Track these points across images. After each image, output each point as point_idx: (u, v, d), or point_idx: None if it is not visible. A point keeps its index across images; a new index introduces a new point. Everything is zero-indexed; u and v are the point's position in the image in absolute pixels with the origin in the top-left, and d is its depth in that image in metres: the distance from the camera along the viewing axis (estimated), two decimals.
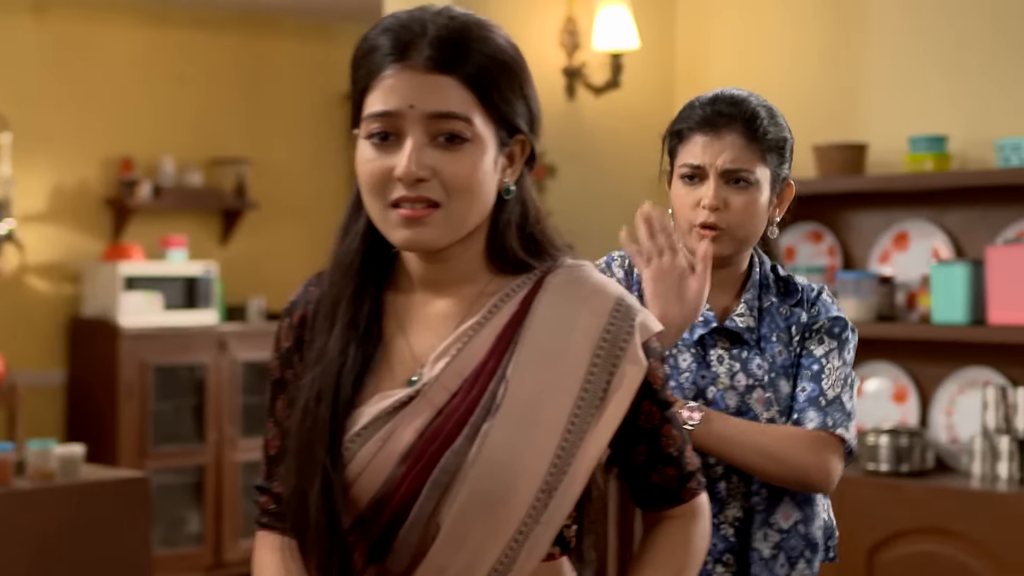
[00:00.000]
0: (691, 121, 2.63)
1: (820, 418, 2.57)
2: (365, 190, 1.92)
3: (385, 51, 1.89)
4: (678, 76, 5.84)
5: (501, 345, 1.92)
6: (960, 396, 4.98)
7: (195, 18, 8.10)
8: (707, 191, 2.57)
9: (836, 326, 2.65)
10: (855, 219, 5.30)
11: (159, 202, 7.84)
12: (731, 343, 2.63)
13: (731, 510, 2.59)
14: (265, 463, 2.03)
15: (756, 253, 2.70)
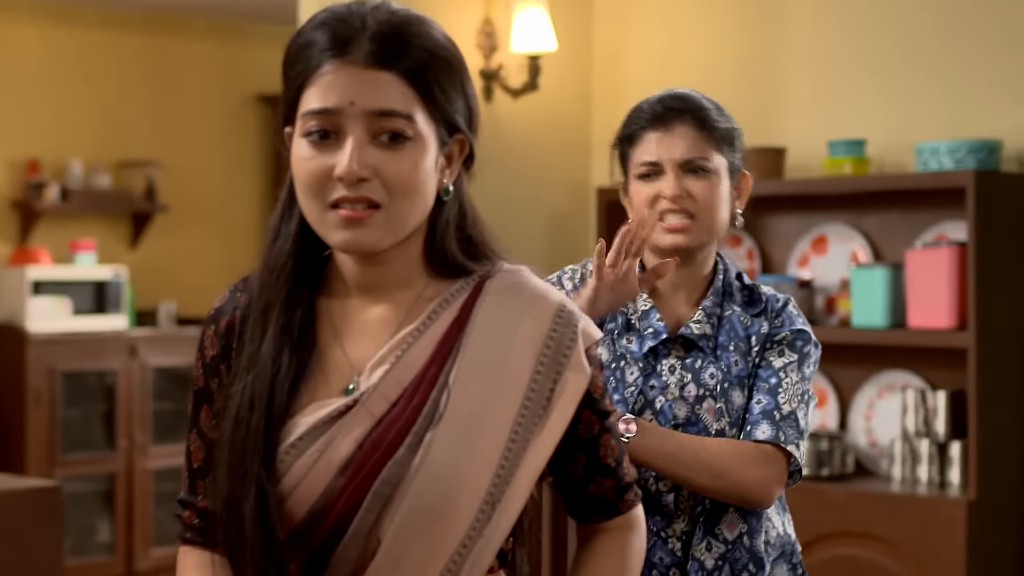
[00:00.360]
0: (641, 121, 2.63)
1: (772, 431, 2.52)
2: (302, 190, 1.84)
3: (322, 46, 1.83)
4: (596, 79, 5.81)
5: (442, 352, 1.86)
6: (879, 400, 4.99)
7: (102, 17, 7.98)
8: (666, 183, 2.57)
9: (799, 339, 2.61)
10: (774, 223, 5.30)
11: (67, 205, 7.71)
12: (685, 351, 2.59)
13: (679, 524, 2.55)
14: (187, 476, 1.95)
15: (721, 260, 2.68)
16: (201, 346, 1.94)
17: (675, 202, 2.56)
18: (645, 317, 2.60)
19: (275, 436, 1.84)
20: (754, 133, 5.29)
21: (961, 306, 4.60)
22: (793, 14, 5.33)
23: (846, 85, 5.19)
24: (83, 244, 7.72)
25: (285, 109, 1.88)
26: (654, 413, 2.56)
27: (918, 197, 4.90)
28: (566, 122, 5.65)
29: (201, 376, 1.93)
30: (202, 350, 1.94)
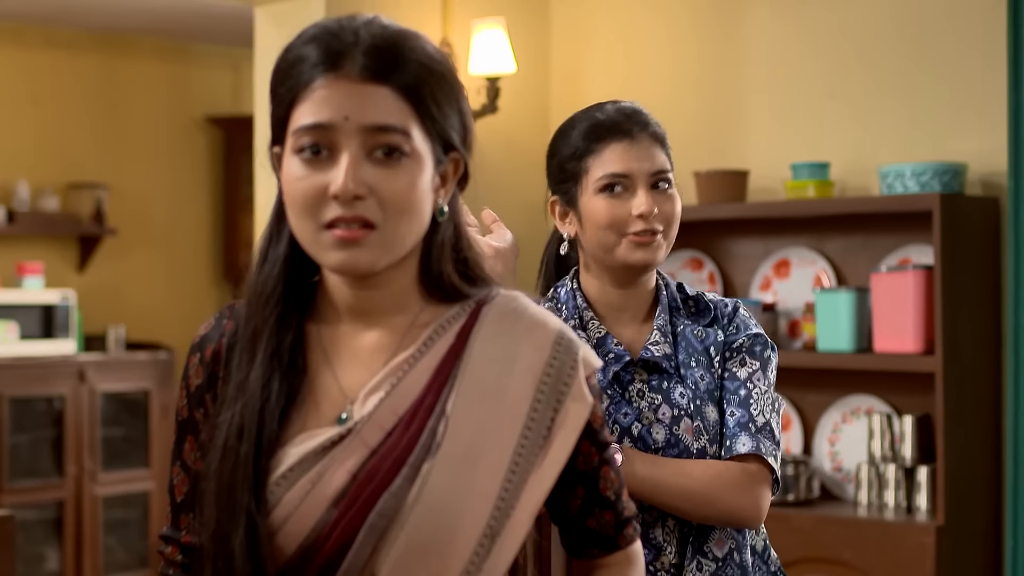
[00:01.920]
0: (601, 131, 2.56)
1: (752, 443, 2.50)
2: (295, 211, 1.78)
3: (314, 61, 1.77)
4: (554, 101, 5.77)
5: (439, 380, 1.81)
6: (844, 424, 4.96)
7: (49, 38, 7.87)
8: (641, 199, 2.51)
9: (757, 344, 2.58)
10: (736, 246, 5.27)
11: (13, 227, 7.60)
12: (649, 374, 2.55)
13: (667, 556, 2.51)
14: (171, 510, 1.89)
15: (660, 275, 2.63)
16: (186, 375, 1.88)
17: (649, 221, 2.51)
18: (602, 344, 2.55)
19: (265, 466, 1.77)
20: (716, 155, 5.28)
21: (928, 330, 4.58)
22: (755, 36, 5.30)
23: (809, 107, 5.17)
24: (30, 267, 7.60)
25: (275, 127, 1.82)
26: (632, 440, 2.51)
27: (882, 220, 4.89)
28: (525, 144, 5.61)
29: (186, 406, 1.87)
30: (187, 379, 1.87)
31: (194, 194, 8.36)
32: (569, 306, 2.58)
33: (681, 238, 5.19)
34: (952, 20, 4.87)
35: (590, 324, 2.56)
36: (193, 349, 1.88)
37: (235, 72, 8.46)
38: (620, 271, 2.56)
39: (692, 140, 5.38)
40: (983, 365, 4.67)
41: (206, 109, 8.41)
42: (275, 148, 1.84)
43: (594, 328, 2.56)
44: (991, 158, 4.77)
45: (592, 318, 2.57)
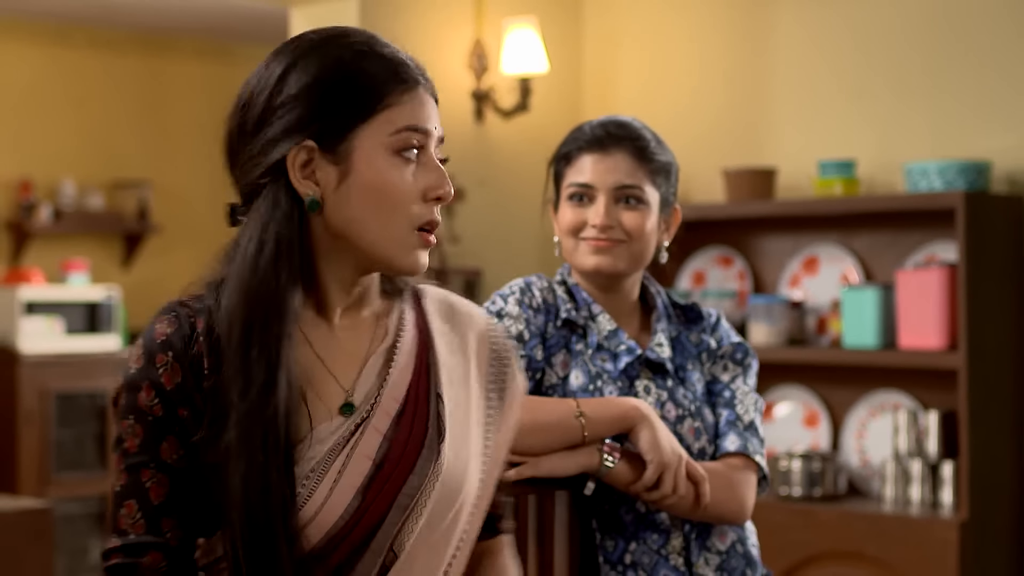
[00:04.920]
0: (580, 142, 2.64)
1: (740, 441, 2.59)
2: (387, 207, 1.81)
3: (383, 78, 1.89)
4: (586, 100, 5.82)
5: (421, 367, 1.89)
6: (871, 420, 4.99)
7: (93, 39, 7.98)
8: (596, 210, 2.58)
9: (738, 352, 2.69)
10: (765, 243, 5.31)
11: (59, 225, 7.71)
12: (653, 374, 2.62)
13: (675, 539, 2.57)
14: (144, 515, 1.76)
15: (652, 284, 2.71)
16: (151, 373, 1.77)
17: (603, 231, 2.58)
18: (613, 336, 2.62)
19: (291, 467, 1.76)
20: (744, 153, 5.32)
21: (952, 327, 4.61)
22: (782, 35, 5.34)
23: (835, 106, 5.20)
24: (75, 264, 7.71)
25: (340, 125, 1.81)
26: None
27: (908, 218, 4.91)
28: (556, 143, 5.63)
29: (159, 405, 1.77)
30: (155, 377, 1.77)
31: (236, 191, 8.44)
32: (579, 298, 2.64)
33: (710, 235, 5.29)
34: (977, 18, 4.89)
35: (599, 317, 2.63)
36: (160, 347, 1.78)
37: None
38: (588, 275, 2.64)
39: (721, 138, 5.42)
40: (1007, 361, 4.69)
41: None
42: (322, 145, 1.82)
43: (604, 320, 2.63)
44: (1016, 155, 4.79)
45: (601, 311, 2.63)
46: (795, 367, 5.08)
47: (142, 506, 1.77)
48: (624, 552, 2.54)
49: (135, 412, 1.78)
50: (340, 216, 1.81)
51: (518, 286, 2.64)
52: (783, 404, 5.16)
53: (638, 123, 2.66)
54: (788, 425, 5.14)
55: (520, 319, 2.57)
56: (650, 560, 2.54)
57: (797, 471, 4.84)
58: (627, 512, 2.55)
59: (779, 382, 5.14)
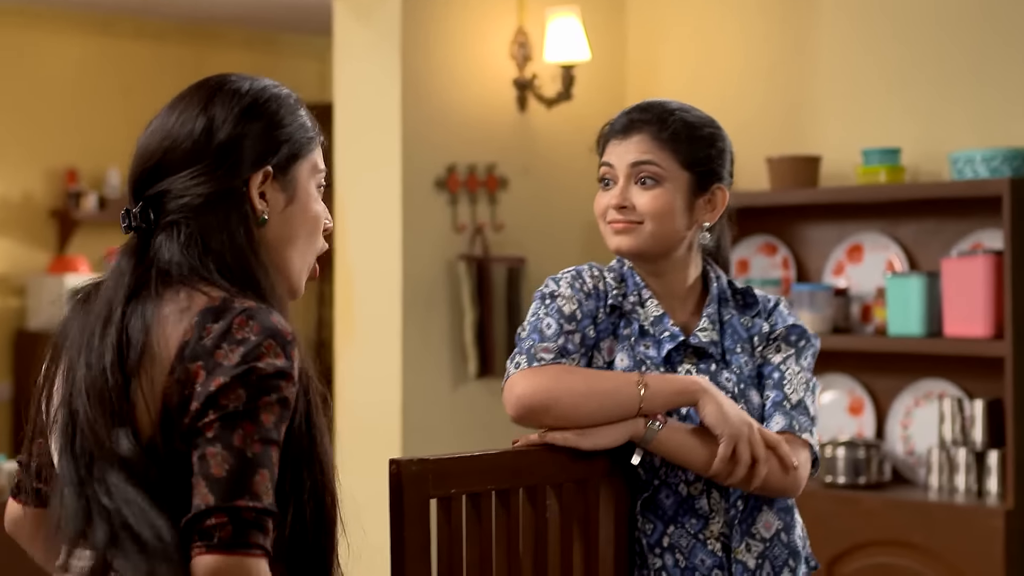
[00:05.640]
0: (608, 127, 2.69)
1: (786, 421, 2.59)
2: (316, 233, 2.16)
3: None
4: (629, 88, 5.82)
5: None
6: (916, 408, 4.98)
7: (139, 29, 8.03)
8: (614, 191, 2.62)
9: (792, 334, 2.67)
10: (809, 231, 5.29)
11: (105, 214, 7.77)
12: (698, 359, 2.63)
13: (715, 525, 2.58)
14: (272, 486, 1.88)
15: (712, 268, 2.70)
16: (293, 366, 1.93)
17: (618, 212, 2.61)
18: (658, 322, 2.63)
19: None
20: (788, 142, 5.31)
21: (997, 315, 4.59)
22: (826, 22, 5.32)
23: (880, 93, 5.18)
24: None
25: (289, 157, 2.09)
26: (681, 419, 2.58)
27: (953, 206, 4.89)
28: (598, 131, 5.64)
29: (292, 393, 1.93)
30: (293, 370, 1.93)
31: None
32: (630, 283, 2.66)
33: (754, 223, 5.29)
34: (1020, 5, 4.86)
35: (648, 302, 2.64)
36: (292, 343, 1.94)
37: (320, 61, 8.58)
38: (624, 258, 2.67)
39: (764, 126, 5.41)
40: None
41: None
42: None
43: (652, 306, 2.64)
44: None
45: (651, 297, 2.64)
46: (840, 355, 5.06)
47: (271, 478, 1.88)
48: (662, 535, 2.55)
49: (280, 399, 1.90)
50: (277, 234, 2.07)
51: (570, 272, 2.67)
52: (828, 392, 5.15)
53: (673, 104, 2.67)
54: (833, 413, 5.13)
55: (572, 299, 2.60)
56: (687, 544, 2.55)
57: (842, 459, 4.84)
58: (668, 496, 2.56)
59: (823, 370, 5.12)
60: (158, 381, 1.90)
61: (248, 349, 1.89)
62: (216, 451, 1.85)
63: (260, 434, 1.87)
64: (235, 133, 2.03)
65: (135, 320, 1.94)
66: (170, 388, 1.89)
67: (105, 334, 1.94)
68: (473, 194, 5.50)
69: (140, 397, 1.91)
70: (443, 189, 5.43)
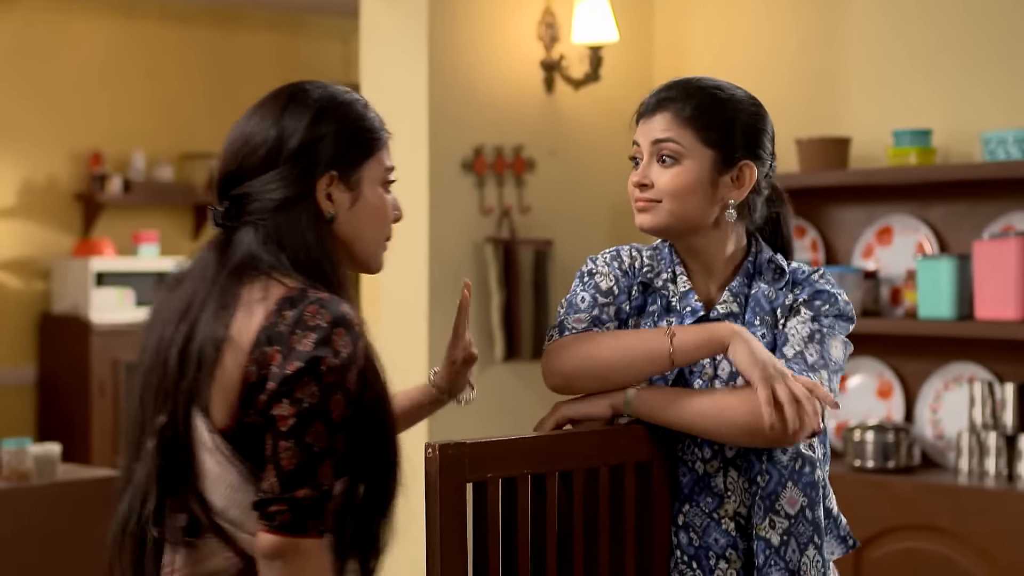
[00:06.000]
0: (639, 108, 2.66)
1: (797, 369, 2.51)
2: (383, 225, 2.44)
3: None
4: (657, 69, 5.79)
5: None
6: (945, 392, 4.95)
7: (164, 11, 8.02)
8: (639, 170, 2.60)
9: (817, 298, 2.59)
10: (838, 213, 5.26)
11: (129, 197, 7.76)
12: None
13: (730, 504, 2.55)
14: (335, 469, 2.15)
15: (756, 243, 2.67)
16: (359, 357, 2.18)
17: (639, 189, 2.59)
18: (684, 297, 2.61)
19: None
20: (818, 123, 5.27)
21: None
22: (854, 2, 5.28)
23: (910, 74, 5.14)
24: (146, 236, 7.77)
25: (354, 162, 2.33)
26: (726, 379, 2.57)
27: (984, 187, 4.86)
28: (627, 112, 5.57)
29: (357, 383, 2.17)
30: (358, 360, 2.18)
31: None
32: (666, 261, 2.65)
33: None
34: None
35: (679, 278, 2.63)
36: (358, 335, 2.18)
37: (345, 43, 8.55)
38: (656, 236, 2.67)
39: (793, 107, 5.37)
40: None
41: (317, 79, 8.50)
42: None
43: (681, 282, 2.62)
44: None
45: (682, 273, 2.63)
46: (869, 338, 5.03)
47: (334, 463, 2.14)
48: (677, 513, 2.54)
49: (343, 389, 2.14)
50: (346, 229, 2.32)
51: (610, 252, 2.67)
52: (856, 375, 5.13)
53: (706, 81, 2.63)
54: (861, 396, 5.11)
55: (609, 276, 2.61)
56: (701, 523, 2.54)
57: (871, 443, 4.81)
58: (684, 473, 2.54)
59: (853, 353, 5.08)
60: (239, 363, 2.13)
61: (320, 336, 2.11)
62: (288, 446, 2.11)
63: (328, 429, 2.12)
64: (303, 141, 2.26)
65: (211, 311, 2.17)
66: (250, 368, 2.12)
67: (181, 322, 2.18)
68: (500, 176, 5.48)
69: (215, 382, 2.14)
70: (470, 171, 5.41)
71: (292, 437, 2.10)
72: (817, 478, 2.57)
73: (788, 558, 2.53)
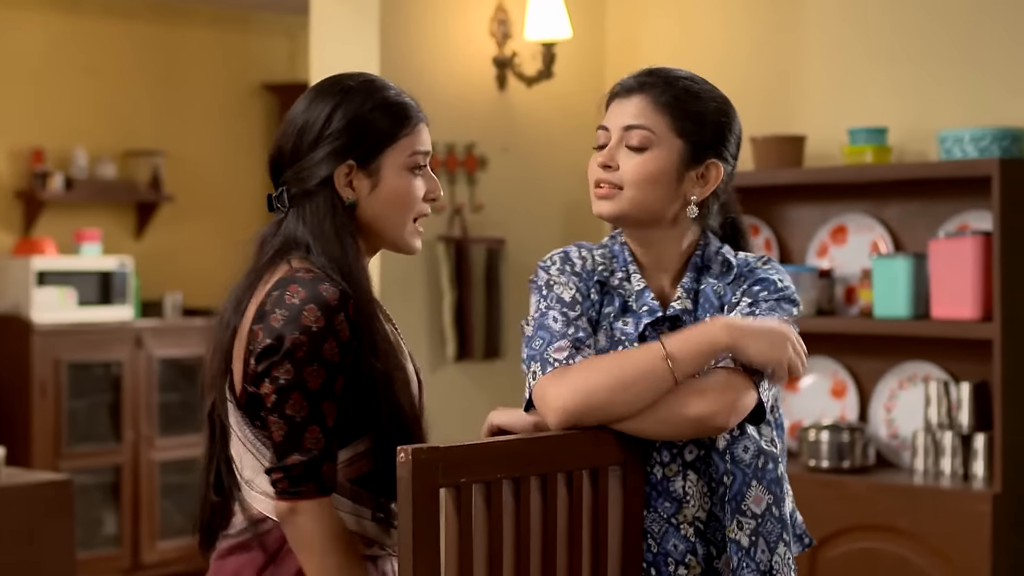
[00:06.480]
0: (612, 89, 2.62)
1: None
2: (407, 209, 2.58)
3: None
4: (610, 66, 5.75)
5: None
6: (900, 391, 4.94)
7: (107, 7, 7.91)
8: (603, 151, 2.56)
9: (756, 285, 2.55)
10: (792, 212, 5.24)
11: (72, 194, 7.65)
12: (672, 330, 2.53)
13: (689, 509, 2.50)
14: (327, 434, 2.35)
15: (704, 236, 2.62)
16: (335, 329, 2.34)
17: (604, 171, 2.54)
18: (640, 297, 2.56)
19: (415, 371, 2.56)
20: (772, 121, 5.25)
21: (986, 297, 4.54)
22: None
23: (867, 72, 5.12)
24: (88, 234, 7.66)
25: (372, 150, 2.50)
26: None
27: (940, 186, 4.84)
28: (580, 109, 5.58)
29: (337, 352, 2.35)
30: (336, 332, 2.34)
31: (250, 161, 8.39)
32: (619, 259, 2.59)
33: None
34: None
35: (633, 277, 2.58)
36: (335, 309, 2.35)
37: (291, 39, 8.48)
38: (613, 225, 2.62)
39: (748, 105, 5.28)
40: None
41: (262, 76, 8.43)
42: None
43: (636, 281, 2.58)
44: None
45: (636, 271, 2.57)
46: (823, 337, 5.01)
47: (323, 430, 2.35)
48: None
49: (319, 359, 2.33)
50: (369, 213, 2.49)
51: (558, 256, 2.59)
52: (810, 375, 5.11)
53: (682, 72, 2.61)
54: (815, 395, 5.09)
55: (567, 284, 2.53)
56: (660, 529, 2.49)
57: (825, 443, 4.79)
58: None
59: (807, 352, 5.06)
60: (242, 339, 2.39)
61: (291, 314, 2.32)
62: (275, 420, 2.34)
63: (308, 399, 2.33)
64: (323, 135, 2.45)
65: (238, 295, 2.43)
66: (248, 346, 2.37)
67: (230, 297, 2.45)
68: (452, 174, 5.43)
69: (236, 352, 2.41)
70: None
71: (275, 411, 2.33)
72: (780, 474, 2.54)
73: (758, 559, 2.49)
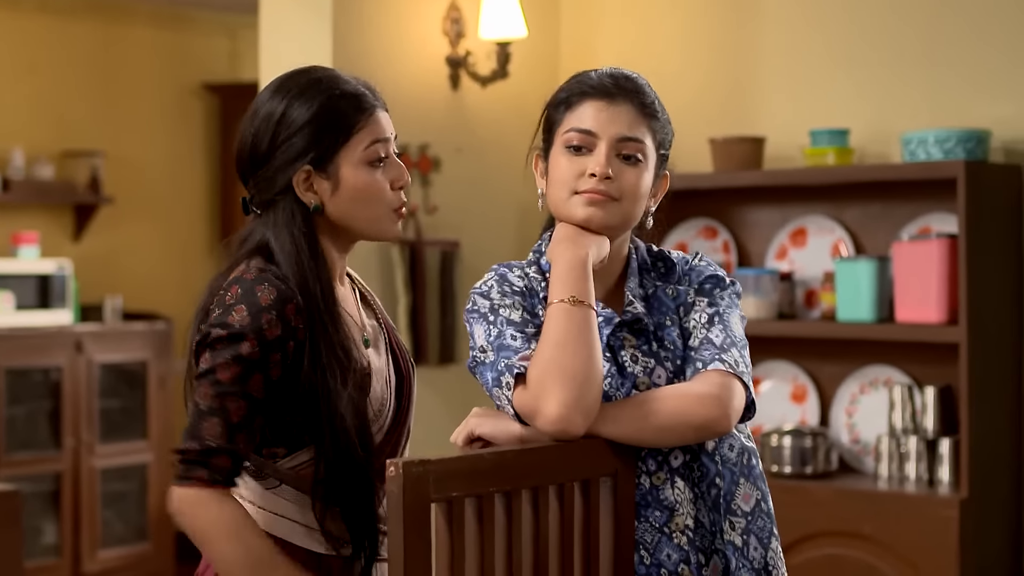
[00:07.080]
0: (584, 87, 2.49)
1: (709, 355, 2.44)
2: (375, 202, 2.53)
3: None
4: (565, 66, 5.67)
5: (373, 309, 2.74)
6: (861, 395, 4.89)
7: (44, 5, 7.76)
8: (597, 158, 2.43)
9: (707, 283, 2.52)
10: (751, 214, 5.18)
11: (8, 196, 7.49)
12: (635, 338, 2.47)
13: (680, 517, 2.43)
14: (225, 428, 2.30)
15: (631, 242, 2.57)
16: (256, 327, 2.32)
17: (601, 182, 2.43)
18: None
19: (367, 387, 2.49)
20: (732, 122, 5.19)
21: (951, 300, 4.50)
22: None
23: (828, 73, 5.07)
24: (25, 237, 7.50)
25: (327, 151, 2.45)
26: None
27: (902, 188, 4.80)
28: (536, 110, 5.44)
29: (257, 351, 2.32)
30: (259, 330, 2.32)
31: (191, 162, 8.26)
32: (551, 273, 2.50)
33: (695, 206, 5.16)
34: None
35: None
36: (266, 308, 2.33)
37: (232, 39, 8.36)
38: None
39: (707, 106, 5.29)
40: (1007, 335, 4.60)
41: (203, 76, 8.30)
42: None
43: None
44: (1013, 125, 4.69)
45: None
46: (783, 340, 4.96)
47: (225, 420, 2.32)
48: None
49: (236, 356, 2.32)
50: (336, 213, 2.45)
51: (492, 279, 2.52)
52: (770, 379, 5.05)
53: (643, 80, 2.53)
54: (775, 400, 5.04)
55: (513, 306, 2.46)
56: (652, 539, 2.42)
57: (788, 448, 4.73)
58: None
59: (767, 357, 5.02)
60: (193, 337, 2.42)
61: (223, 310, 2.34)
62: (189, 405, 2.37)
63: (216, 390, 2.31)
64: (275, 143, 2.42)
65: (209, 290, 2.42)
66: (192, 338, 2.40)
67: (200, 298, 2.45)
68: None
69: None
70: None
71: (190, 397, 2.37)
72: (761, 468, 2.51)
73: (751, 556, 2.45)
